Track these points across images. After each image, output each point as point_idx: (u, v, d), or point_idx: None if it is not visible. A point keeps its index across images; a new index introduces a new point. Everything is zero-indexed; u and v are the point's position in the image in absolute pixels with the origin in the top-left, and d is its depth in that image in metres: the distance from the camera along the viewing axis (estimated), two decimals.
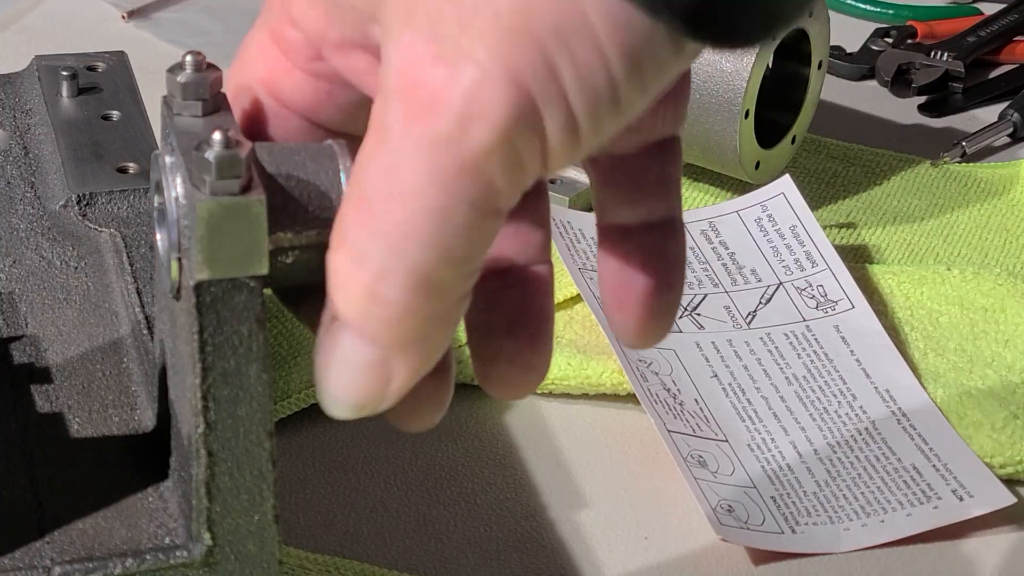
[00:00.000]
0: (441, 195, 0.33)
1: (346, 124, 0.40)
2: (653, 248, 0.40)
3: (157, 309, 0.45)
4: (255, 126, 0.40)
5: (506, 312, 0.40)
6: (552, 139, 0.34)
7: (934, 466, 0.60)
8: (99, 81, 0.61)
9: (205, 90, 0.39)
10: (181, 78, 0.39)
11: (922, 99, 0.89)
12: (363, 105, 0.38)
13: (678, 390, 0.63)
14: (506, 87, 0.33)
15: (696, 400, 0.63)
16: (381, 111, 0.34)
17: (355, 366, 0.36)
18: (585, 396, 0.65)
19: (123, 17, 0.93)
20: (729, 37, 0.34)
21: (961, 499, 0.59)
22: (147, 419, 0.47)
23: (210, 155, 0.36)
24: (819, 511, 0.59)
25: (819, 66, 0.78)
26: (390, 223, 0.34)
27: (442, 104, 0.33)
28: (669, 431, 0.61)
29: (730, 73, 0.72)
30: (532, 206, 0.40)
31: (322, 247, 0.38)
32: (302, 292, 0.39)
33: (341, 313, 0.35)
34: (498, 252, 0.40)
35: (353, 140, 0.37)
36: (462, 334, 0.64)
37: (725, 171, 0.76)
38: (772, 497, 0.59)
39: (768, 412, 0.63)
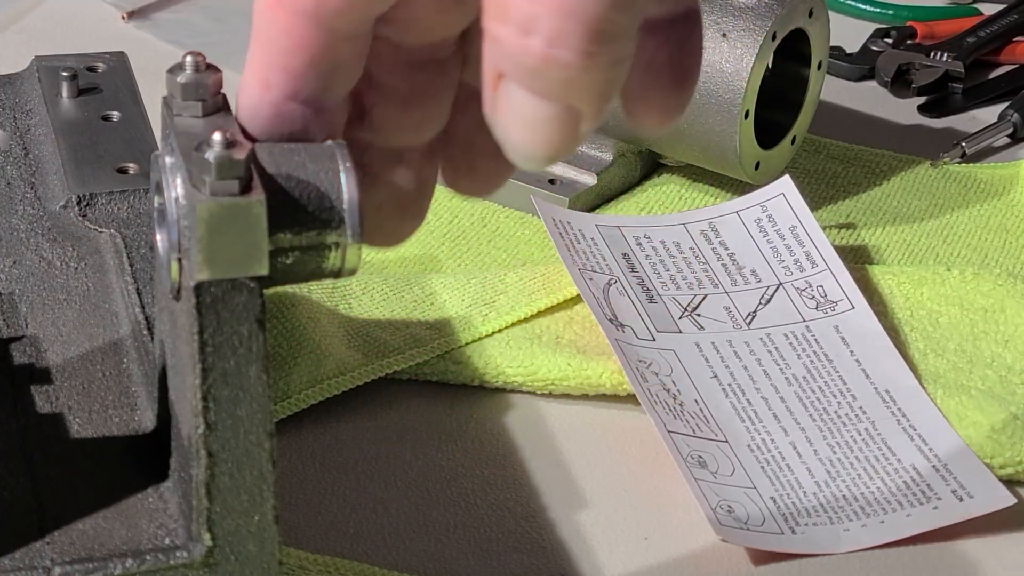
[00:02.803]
0: None
1: None
2: (679, 41, 0.40)
3: (157, 309, 0.45)
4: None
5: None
6: None
7: (934, 467, 0.60)
8: (99, 82, 0.61)
9: (205, 91, 0.39)
10: (181, 79, 0.39)
11: (922, 99, 0.89)
12: None
13: (678, 390, 0.63)
14: None
15: (696, 400, 0.63)
16: None
17: (540, 122, 0.35)
18: (585, 396, 0.65)
19: (123, 17, 0.93)
20: None
21: (961, 499, 0.59)
22: (147, 419, 0.47)
23: (210, 156, 0.37)
24: (819, 511, 0.59)
25: (819, 66, 0.78)
26: None
27: None
28: (669, 431, 0.61)
29: (730, 73, 0.72)
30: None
31: (322, 247, 0.38)
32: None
33: (516, 78, 0.35)
34: None
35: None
36: (463, 333, 0.65)
37: (725, 171, 0.76)
38: (772, 497, 0.59)
39: (768, 413, 0.63)
